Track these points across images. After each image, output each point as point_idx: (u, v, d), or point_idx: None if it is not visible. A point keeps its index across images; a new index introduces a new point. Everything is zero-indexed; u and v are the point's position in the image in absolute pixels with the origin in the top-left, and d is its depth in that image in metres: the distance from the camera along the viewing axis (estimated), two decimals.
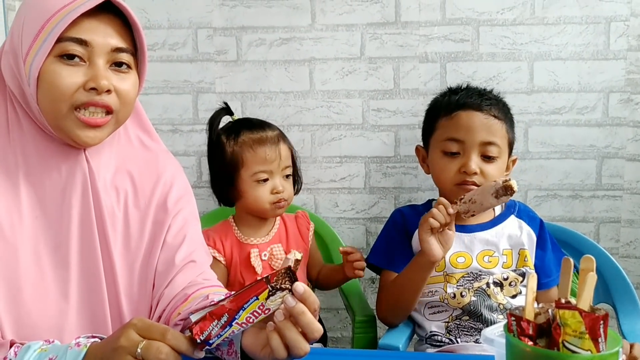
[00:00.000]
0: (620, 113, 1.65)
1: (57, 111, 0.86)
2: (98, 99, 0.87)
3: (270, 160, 1.40)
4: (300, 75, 1.71)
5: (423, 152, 1.48)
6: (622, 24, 1.61)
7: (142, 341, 0.70)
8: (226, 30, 1.71)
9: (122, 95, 0.90)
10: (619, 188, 1.68)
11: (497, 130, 1.35)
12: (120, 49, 0.89)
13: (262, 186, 1.41)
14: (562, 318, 0.64)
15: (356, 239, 1.77)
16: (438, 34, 1.67)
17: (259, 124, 1.46)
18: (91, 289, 0.91)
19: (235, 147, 1.42)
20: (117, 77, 0.89)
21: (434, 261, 1.28)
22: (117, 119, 0.92)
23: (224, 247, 1.44)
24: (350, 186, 1.75)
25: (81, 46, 0.86)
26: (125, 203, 0.96)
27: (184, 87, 1.75)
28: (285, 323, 0.73)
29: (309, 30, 1.69)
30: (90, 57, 0.87)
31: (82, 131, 0.88)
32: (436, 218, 1.24)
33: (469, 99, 1.37)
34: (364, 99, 1.71)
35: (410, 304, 1.35)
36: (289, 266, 0.74)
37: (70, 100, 0.86)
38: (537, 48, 1.64)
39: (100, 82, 0.86)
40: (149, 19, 1.71)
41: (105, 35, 0.87)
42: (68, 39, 0.85)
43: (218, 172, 1.46)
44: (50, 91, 0.85)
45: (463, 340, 1.32)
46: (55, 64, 0.85)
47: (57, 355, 0.75)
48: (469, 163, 1.32)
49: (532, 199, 1.70)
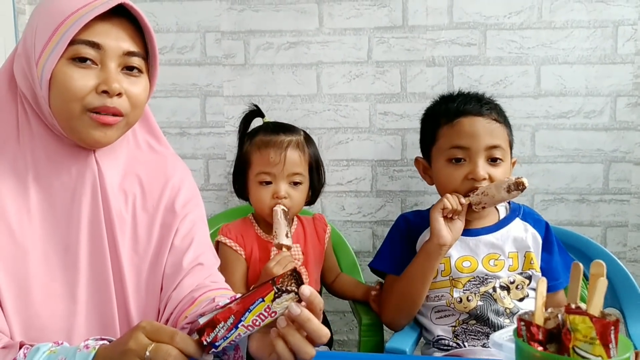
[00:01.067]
0: (627, 117, 1.64)
1: (70, 112, 0.87)
2: (109, 102, 0.87)
3: (273, 164, 1.41)
4: (307, 78, 1.72)
5: (423, 162, 1.47)
6: (629, 27, 1.61)
7: (151, 344, 0.70)
8: (234, 34, 1.72)
9: (133, 98, 0.90)
10: (627, 192, 1.67)
11: (500, 134, 1.35)
12: (132, 53, 0.90)
13: (265, 188, 1.43)
14: (572, 323, 0.64)
15: (363, 242, 1.77)
16: (445, 37, 1.67)
17: (278, 127, 1.47)
18: (99, 291, 0.92)
19: (248, 146, 1.46)
20: (128, 81, 0.90)
21: (442, 244, 1.29)
22: (128, 121, 0.92)
23: (244, 242, 1.46)
24: (357, 189, 1.75)
25: (93, 49, 0.86)
26: (134, 206, 0.97)
27: (192, 91, 1.75)
28: (288, 329, 0.73)
29: (317, 34, 1.70)
30: (102, 60, 0.87)
31: (95, 130, 0.88)
32: (449, 201, 1.29)
33: (468, 105, 1.37)
34: (371, 103, 1.71)
35: (417, 299, 1.34)
36: (294, 268, 0.75)
37: (82, 102, 0.86)
38: (544, 52, 1.64)
39: (112, 85, 0.86)
40: (157, 22, 1.72)
41: (117, 39, 0.88)
42: (80, 42, 0.86)
43: (235, 168, 1.51)
44: (63, 93, 0.86)
45: (470, 344, 1.32)
46: (67, 66, 0.86)
47: (65, 357, 0.76)
48: (476, 169, 1.32)
49: (539, 202, 1.70)
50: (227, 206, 1.78)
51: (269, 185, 1.43)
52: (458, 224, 1.31)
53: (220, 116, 1.76)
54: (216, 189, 1.79)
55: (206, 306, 0.90)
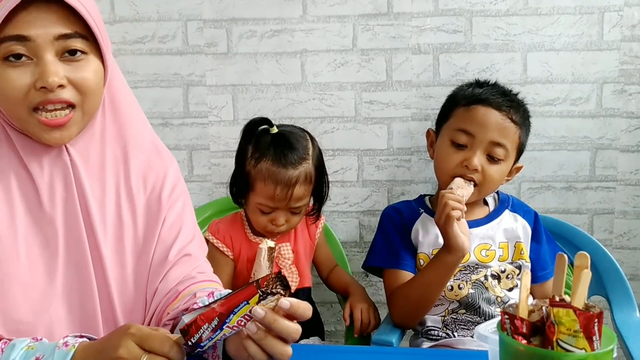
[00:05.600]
0: (614, 104, 1.64)
1: (18, 115, 0.84)
2: (52, 96, 0.82)
3: (277, 199, 1.35)
4: (291, 67, 1.69)
5: (433, 136, 1.46)
6: (615, 14, 1.60)
7: (145, 355, 0.69)
8: (216, 22, 1.69)
9: (79, 85, 0.85)
10: (613, 179, 1.67)
11: (510, 134, 1.33)
12: (65, 36, 0.82)
13: (264, 215, 1.39)
14: (556, 316, 0.63)
15: (349, 232, 1.76)
16: (431, 25, 1.65)
17: (285, 156, 1.35)
18: (79, 283, 0.90)
19: (252, 169, 1.37)
20: (71, 67, 0.84)
21: (466, 254, 1.26)
22: (84, 110, 0.87)
23: (232, 242, 1.44)
24: (343, 179, 1.74)
25: (22, 43, 0.80)
26: (117, 195, 0.95)
27: (174, 81, 1.72)
28: (259, 334, 0.72)
29: (301, 21, 1.67)
30: (36, 53, 0.81)
31: (47, 133, 0.85)
32: (457, 207, 1.22)
33: (491, 96, 1.35)
34: (356, 92, 1.69)
35: (433, 303, 1.32)
36: (279, 270, 0.75)
37: (25, 102, 0.82)
38: (531, 39, 1.63)
39: (48, 80, 0.81)
40: (137, 11, 1.69)
41: (44, 26, 0.81)
42: (7, 39, 0.80)
43: (235, 176, 1.44)
44: (5, 96, 0.82)
45: (460, 334, 1.32)
46: (1, 67, 0.81)
47: (44, 355, 0.74)
48: (472, 158, 1.30)
49: (526, 190, 1.70)
50: (212, 197, 1.76)
51: (269, 214, 1.39)
52: (464, 222, 1.28)
53: (203, 106, 1.73)
54: (200, 180, 1.77)
55: (188, 301, 0.89)
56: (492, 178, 1.32)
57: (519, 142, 1.36)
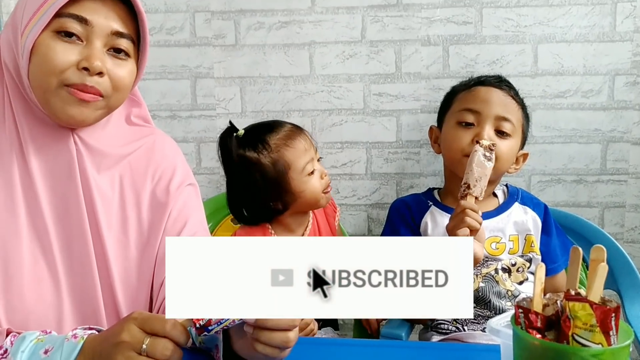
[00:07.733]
0: (626, 96, 1.62)
1: (47, 85, 0.84)
2: (88, 81, 0.84)
3: (307, 148, 1.36)
4: (300, 59, 1.68)
5: (436, 131, 1.46)
6: (628, 4, 1.57)
7: (147, 337, 0.69)
8: (224, 14, 1.68)
9: (115, 80, 0.87)
10: (624, 172, 1.65)
11: (514, 110, 1.35)
12: (120, 34, 0.87)
13: (313, 177, 1.37)
14: (572, 310, 0.62)
15: (358, 225, 1.75)
16: (440, 16, 1.63)
17: (271, 124, 1.39)
18: (81, 274, 0.89)
19: (272, 154, 1.34)
20: (113, 62, 0.87)
21: (479, 262, 1.28)
22: (108, 103, 0.89)
23: None
24: (352, 172, 1.73)
25: (81, 24, 0.84)
26: (121, 186, 0.94)
27: (181, 73, 1.71)
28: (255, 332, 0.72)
29: (309, 13, 1.66)
30: (89, 37, 0.85)
31: (70, 106, 0.85)
32: (472, 225, 1.19)
33: (490, 78, 1.40)
34: (365, 84, 1.68)
35: None
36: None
37: (60, 76, 0.83)
38: (542, 30, 1.61)
39: (94, 63, 0.83)
40: (145, 2, 1.68)
41: (107, 18, 0.85)
42: (68, 15, 0.83)
43: (263, 190, 1.34)
44: (42, 65, 0.83)
45: (470, 328, 1.31)
46: (51, 38, 0.83)
47: (53, 347, 0.74)
48: (482, 133, 1.31)
49: (536, 183, 1.68)
50: (220, 190, 1.75)
51: (313, 172, 1.37)
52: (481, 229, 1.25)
53: (211, 98, 1.72)
54: (208, 173, 1.76)
55: None
56: (503, 153, 1.32)
57: (522, 121, 1.37)
